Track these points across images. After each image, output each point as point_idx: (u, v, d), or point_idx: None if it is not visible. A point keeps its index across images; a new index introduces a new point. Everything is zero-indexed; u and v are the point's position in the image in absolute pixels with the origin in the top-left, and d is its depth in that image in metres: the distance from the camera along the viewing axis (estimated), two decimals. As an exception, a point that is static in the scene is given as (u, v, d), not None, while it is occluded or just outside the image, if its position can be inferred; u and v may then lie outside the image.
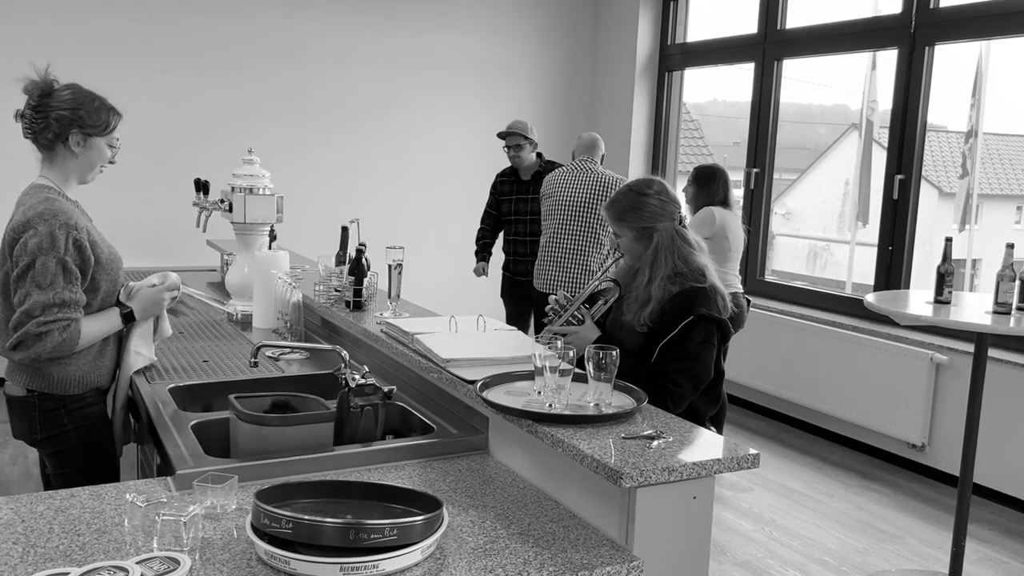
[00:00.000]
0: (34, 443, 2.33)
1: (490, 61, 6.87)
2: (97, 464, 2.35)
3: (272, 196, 3.39)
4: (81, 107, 2.24)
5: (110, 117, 2.31)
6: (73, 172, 2.31)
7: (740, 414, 5.65)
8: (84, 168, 2.32)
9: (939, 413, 4.62)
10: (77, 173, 2.32)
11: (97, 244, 2.28)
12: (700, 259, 2.49)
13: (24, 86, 2.25)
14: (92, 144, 2.29)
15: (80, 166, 2.30)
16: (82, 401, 2.31)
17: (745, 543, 3.77)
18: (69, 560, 1.47)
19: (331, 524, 1.42)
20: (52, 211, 2.18)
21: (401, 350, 2.44)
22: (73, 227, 2.19)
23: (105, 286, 2.31)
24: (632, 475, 1.54)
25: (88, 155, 2.29)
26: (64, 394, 2.27)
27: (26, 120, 2.25)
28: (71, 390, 2.28)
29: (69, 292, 2.17)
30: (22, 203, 2.25)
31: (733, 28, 6.22)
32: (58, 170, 2.29)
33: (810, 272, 10.09)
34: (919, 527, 4.02)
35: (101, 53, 5.57)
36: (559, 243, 4.64)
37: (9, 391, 2.30)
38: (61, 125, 2.22)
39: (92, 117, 2.26)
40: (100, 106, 2.29)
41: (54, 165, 2.29)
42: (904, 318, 3.53)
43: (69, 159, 2.28)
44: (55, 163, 2.28)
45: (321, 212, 6.01)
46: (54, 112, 2.22)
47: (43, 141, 2.25)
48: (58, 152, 2.27)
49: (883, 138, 5.27)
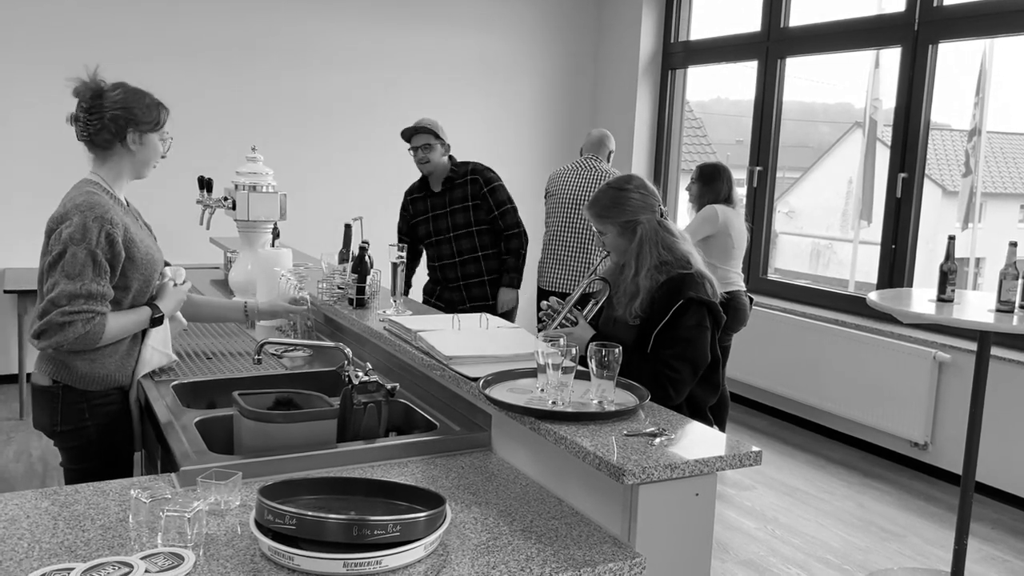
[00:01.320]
0: (53, 434, 2.33)
1: (493, 59, 6.87)
2: (113, 462, 2.34)
3: (275, 194, 3.40)
4: (134, 105, 2.25)
5: (160, 113, 2.32)
6: (127, 169, 2.32)
7: (743, 412, 5.65)
8: (140, 165, 2.34)
9: (942, 411, 4.62)
10: (132, 170, 2.34)
11: (134, 242, 2.26)
12: (684, 247, 2.53)
13: (75, 88, 2.25)
14: (147, 141, 2.30)
15: (137, 163, 2.32)
16: (106, 398, 2.31)
17: (747, 541, 3.77)
18: (74, 555, 1.48)
19: (335, 520, 1.43)
20: (89, 203, 2.17)
21: (404, 347, 2.45)
22: (108, 221, 2.17)
23: (137, 285, 2.29)
24: (635, 472, 1.54)
25: (144, 152, 2.31)
26: (88, 389, 2.27)
27: (80, 123, 2.25)
28: (96, 386, 2.28)
29: (96, 284, 2.15)
30: (66, 196, 2.25)
31: (736, 26, 6.22)
32: (111, 168, 2.30)
33: (813, 271, 10.08)
34: (921, 525, 4.03)
35: (104, 52, 5.58)
36: (563, 240, 4.65)
37: (35, 380, 2.31)
38: (117, 125, 2.23)
39: (146, 114, 2.27)
40: (151, 103, 2.30)
41: (107, 163, 2.30)
42: (907, 316, 3.54)
43: (125, 157, 2.29)
44: (109, 161, 2.29)
45: (324, 210, 6.01)
46: (108, 112, 2.22)
47: (100, 142, 2.26)
48: (115, 151, 2.28)
49: (887, 136, 5.26)
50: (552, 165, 6.52)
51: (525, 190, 6.99)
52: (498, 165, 7.00)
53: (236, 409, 2.04)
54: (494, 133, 6.95)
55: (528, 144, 7.11)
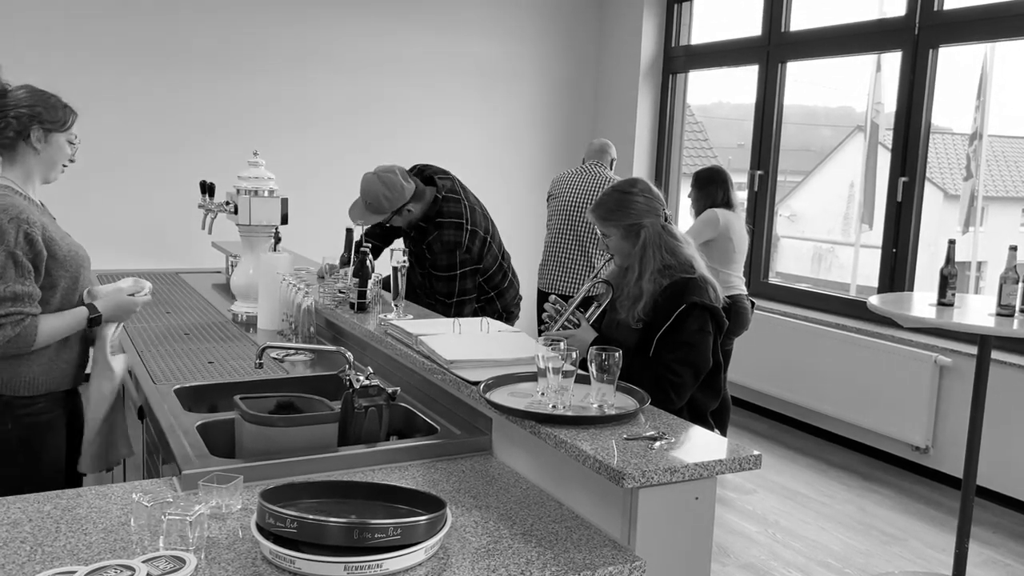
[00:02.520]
0: None
1: (495, 64, 6.88)
2: (35, 473, 2.26)
3: (277, 198, 3.40)
4: (38, 104, 2.26)
5: (67, 114, 2.32)
6: (35, 170, 2.30)
7: (743, 416, 5.65)
8: (46, 166, 2.32)
9: (942, 415, 4.62)
10: (40, 171, 2.32)
11: (54, 240, 2.23)
12: (688, 252, 2.54)
13: None
14: (52, 140, 2.29)
15: (42, 163, 2.30)
16: (32, 406, 2.25)
17: (748, 545, 3.77)
18: (76, 559, 1.48)
19: (335, 524, 1.43)
20: (2, 205, 2.16)
21: (405, 351, 2.46)
22: (24, 221, 2.15)
23: (64, 283, 2.27)
24: (634, 475, 1.55)
25: (49, 152, 2.30)
26: (12, 395, 2.22)
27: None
28: (20, 391, 2.23)
29: (21, 285, 2.13)
30: None
31: (737, 31, 6.23)
32: (19, 169, 2.28)
33: (814, 274, 10.09)
34: (922, 529, 4.02)
35: (107, 56, 5.60)
36: (564, 243, 4.66)
37: None
38: (21, 123, 2.23)
39: (50, 113, 2.27)
40: (56, 103, 2.30)
41: (15, 165, 2.28)
42: (907, 320, 3.54)
43: (30, 156, 2.28)
44: (16, 162, 2.28)
45: (325, 214, 6.02)
46: (12, 111, 2.22)
47: (4, 140, 2.25)
48: (19, 150, 2.26)
49: (888, 140, 5.27)
50: (554, 170, 6.53)
51: (526, 195, 7.01)
52: (499, 170, 7.04)
53: (237, 413, 2.05)
54: (495, 138, 6.96)
55: (529, 149, 7.12)
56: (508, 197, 6.73)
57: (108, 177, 5.62)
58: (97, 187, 5.51)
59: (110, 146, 5.58)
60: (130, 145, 5.72)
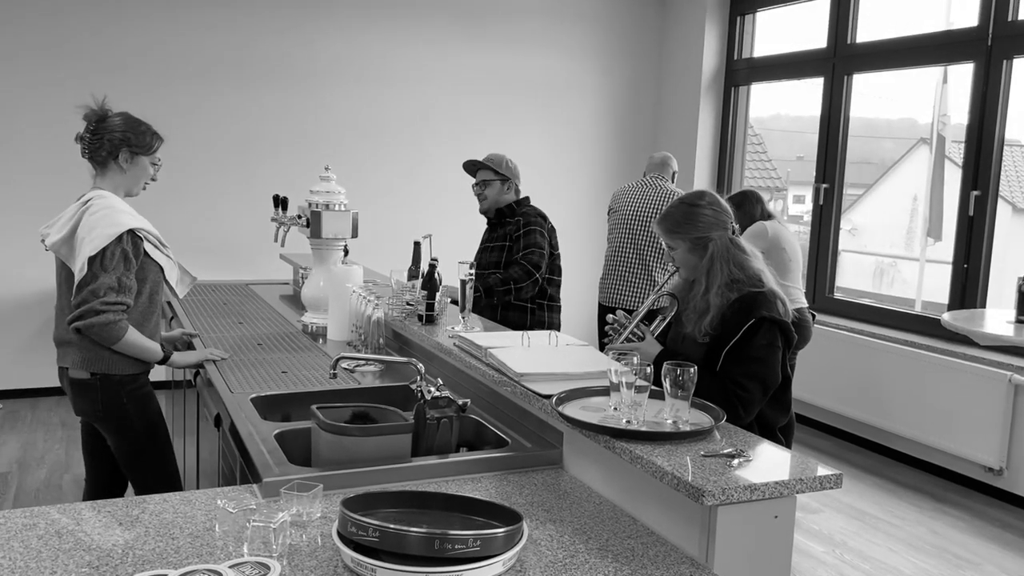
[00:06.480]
0: (96, 419, 2.70)
1: (557, 79, 6.91)
2: (154, 435, 2.72)
3: (348, 212, 3.46)
4: (130, 130, 2.65)
5: (153, 140, 2.70)
6: (121, 185, 2.69)
7: (806, 433, 5.55)
8: (131, 182, 2.70)
9: (1018, 436, 4.47)
10: (125, 186, 2.70)
11: (150, 240, 2.63)
12: (756, 265, 2.49)
13: (84, 113, 2.66)
14: (137, 162, 2.68)
15: (127, 180, 2.69)
16: (135, 382, 2.68)
17: (816, 565, 3.70)
18: (166, 562, 1.53)
19: (416, 533, 1.45)
20: (117, 209, 2.57)
21: (473, 363, 2.48)
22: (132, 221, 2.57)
23: (152, 276, 2.66)
24: (714, 493, 1.54)
25: (134, 171, 2.68)
26: (123, 374, 2.63)
27: (84, 142, 2.65)
28: (128, 370, 2.64)
29: (127, 278, 2.54)
30: (90, 206, 2.58)
31: (802, 43, 6.16)
32: (109, 183, 2.67)
33: (876, 289, 9.86)
34: (999, 554, 3.90)
35: (185, 76, 5.77)
36: (625, 257, 4.65)
37: (73, 375, 2.65)
38: (113, 145, 2.63)
39: (138, 139, 2.66)
40: (145, 130, 2.69)
41: (105, 179, 2.67)
42: (984, 338, 3.44)
43: (118, 173, 2.67)
44: (107, 177, 2.67)
45: (393, 227, 6.11)
46: (108, 135, 2.62)
47: (98, 158, 2.65)
48: (110, 167, 2.66)
49: (955, 153, 5.15)
50: (615, 183, 6.52)
51: (587, 208, 7.01)
52: (561, 183, 7.05)
53: (314, 422, 2.09)
54: (557, 152, 6.99)
55: (591, 162, 7.13)
56: (569, 209, 6.75)
57: (184, 191, 5.79)
58: (173, 199, 5.67)
59: (187, 162, 5.75)
60: (204, 160, 5.88)
